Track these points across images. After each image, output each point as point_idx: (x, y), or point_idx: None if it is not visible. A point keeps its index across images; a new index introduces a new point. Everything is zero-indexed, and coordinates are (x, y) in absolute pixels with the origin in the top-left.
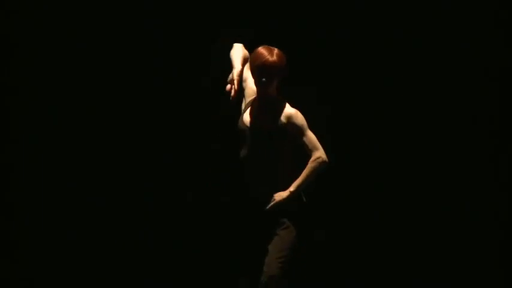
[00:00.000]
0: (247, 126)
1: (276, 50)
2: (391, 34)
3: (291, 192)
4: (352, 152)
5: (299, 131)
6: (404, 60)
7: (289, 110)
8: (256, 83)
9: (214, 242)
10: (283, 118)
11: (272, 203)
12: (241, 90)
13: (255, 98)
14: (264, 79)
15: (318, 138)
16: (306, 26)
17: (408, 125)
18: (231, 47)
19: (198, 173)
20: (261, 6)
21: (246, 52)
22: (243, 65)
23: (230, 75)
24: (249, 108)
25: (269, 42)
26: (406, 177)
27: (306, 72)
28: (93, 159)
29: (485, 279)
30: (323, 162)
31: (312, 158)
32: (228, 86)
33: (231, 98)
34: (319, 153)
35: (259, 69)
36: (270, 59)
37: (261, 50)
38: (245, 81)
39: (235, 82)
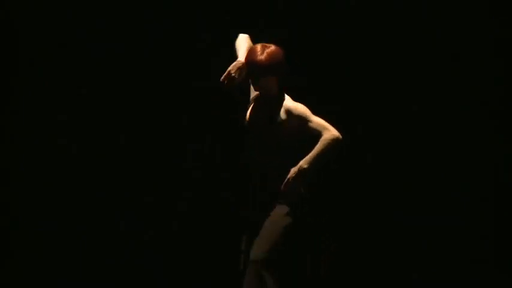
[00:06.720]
0: (248, 124)
1: (269, 48)
2: (391, 34)
3: (303, 169)
4: (352, 152)
5: (303, 120)
6: (405, 60)
7: (287, 104)
8: (250, 80)
9: (215, 240)
10: (282, 114)
11: (285, 182)
12: (247, 86)
13: (257, 94)
14: (252, 76)
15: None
16: (305, 26)
17: (408, 125)
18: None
19: (198, 173)
20: (261, 6)
21: (251, 43)
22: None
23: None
24: (252, 105)
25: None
26: (406, 177)
27: (306, 73)
28: (93, 159)
29: (485, 279)
30: (335, 137)
31: (323, 136)
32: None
33: (222, 86)
34: (330, 131)
35: (248, 67)
36: (258, 57)
37: (255, 47)
38: None
39: (232, 71)
